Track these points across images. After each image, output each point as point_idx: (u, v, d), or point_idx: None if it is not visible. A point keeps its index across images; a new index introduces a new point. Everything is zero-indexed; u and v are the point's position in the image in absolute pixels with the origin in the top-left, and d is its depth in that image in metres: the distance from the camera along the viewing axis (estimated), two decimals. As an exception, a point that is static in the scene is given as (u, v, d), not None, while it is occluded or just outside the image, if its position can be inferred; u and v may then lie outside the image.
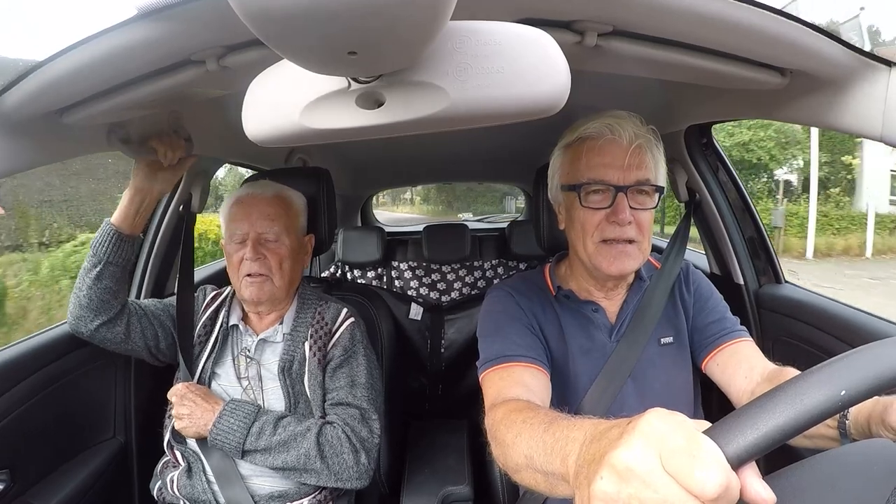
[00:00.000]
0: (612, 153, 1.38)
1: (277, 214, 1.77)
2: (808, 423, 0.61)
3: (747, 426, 0.61)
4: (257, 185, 1.84)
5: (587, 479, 0.69)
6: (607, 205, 1.38)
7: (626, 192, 1.37)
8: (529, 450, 0.98)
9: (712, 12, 0.95)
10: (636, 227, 1.39)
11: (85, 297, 1.64)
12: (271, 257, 1.74)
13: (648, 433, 0.64)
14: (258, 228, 1.74)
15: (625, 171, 1.37)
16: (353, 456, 1.65)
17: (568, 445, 0.84)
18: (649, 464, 0.62)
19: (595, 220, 1.40)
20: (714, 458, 0.59)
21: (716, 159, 2.12)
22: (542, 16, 0.99)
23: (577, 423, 0.88)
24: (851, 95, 1.13)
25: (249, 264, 1.72)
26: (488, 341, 1.48)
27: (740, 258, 2.16)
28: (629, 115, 1.41)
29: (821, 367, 0.65)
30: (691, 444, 0.61)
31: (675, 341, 1.55)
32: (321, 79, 0.77)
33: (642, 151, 1.38)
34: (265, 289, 1.74)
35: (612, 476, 0.64)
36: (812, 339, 1.80)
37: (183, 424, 1.65)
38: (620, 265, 1.40)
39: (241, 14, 0.54)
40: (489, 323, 1.53)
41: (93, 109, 1.24)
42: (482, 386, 1.44)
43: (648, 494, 0.61)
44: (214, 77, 1.12)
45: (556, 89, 0.75)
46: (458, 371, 3.15)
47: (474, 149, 3.31)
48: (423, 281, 3.65)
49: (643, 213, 1.40)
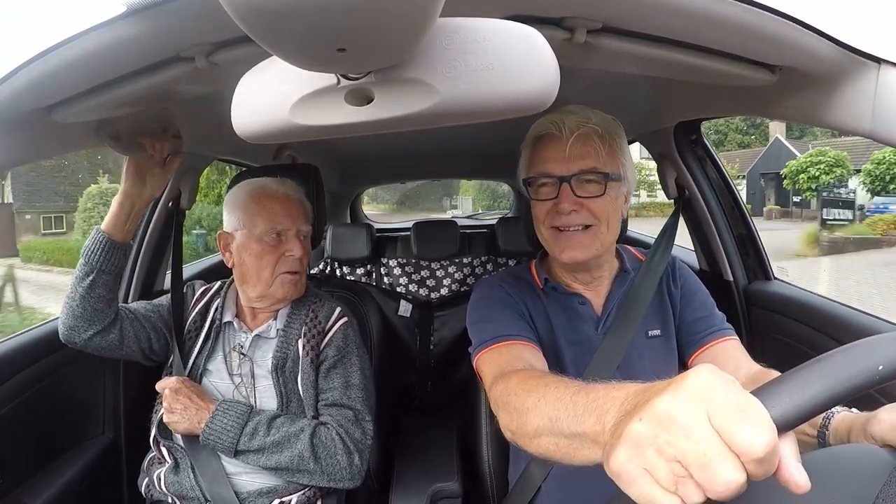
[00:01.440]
0: (553, 147, 1.44)
1: (303, 213, 1.81)
2: (847, 393, 0.61)
3: (795, 390, 0.61)
4: (285, 184, 1.84)
5: (624, 424, 0.67)
6: (553, 196, 1.44)
7: (570, 181, 1.42)
8: (556, 412, 0.95)
9: (701, 9, 0.95)
10: (588, 213, 1.43)
11: (79, 307, 1.61)
12: (304, 256, 1.78)
13: (697, 386, 0.62)
14: (299, 225, 1.77)
15: (566, 162, 1.42)
16: (347, 457, 1.65)
17: (607, 403, 0.81)
18: (694, 415, 0.59)
19: (544, 209, 1.47)
20: (764, 417, 0.57)
21: (705, 156, 2.13)
22: (532, 12, 0.99)
23: (620, 384, 0.85)
24: (841, 91, 1.13)
25: (293, 261, 1.74)
26: (480, 326, 1.49)
27: (730, 255, 2.17)
28: (580, 109, 1.47)
29: (861, 342, 0.65)
30: (741, 401, 0.59)
31: (663, 334, 1.56)
32: (310, 75, 0.76)
33: (584, 142, 1.42)
34: (299, 286, 1.78)
35: (651, 420, 0.63)
36: (801, 335, 1.81)
37: (174, 419, 1.63)
38: (571, 253, 1.45)
39: (230, 11, 0.54)
40: (480, 309, 1.55)
41: (82, 106, 1.23)
42: (478, 368, 1.44)
43: (687, 445, 0.58)
44: (204, 74, 1.12)
45: (546, 86, 0.76)
46: (448, 367, 3.15)
47: (463, 146, 3.31)
48: (412, 278, 3.65)
49: (594, 200, 1.43)
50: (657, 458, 0.60)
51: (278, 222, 1.73)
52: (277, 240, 1.73)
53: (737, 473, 0.56)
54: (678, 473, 0.59)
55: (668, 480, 0.59)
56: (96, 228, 1.64)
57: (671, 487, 0.59)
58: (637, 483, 0.62)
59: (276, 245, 1.73)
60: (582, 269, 1.54)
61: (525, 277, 1.63)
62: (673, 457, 0.59)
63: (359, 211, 5.10)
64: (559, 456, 0.97)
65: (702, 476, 0.57)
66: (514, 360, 1.33)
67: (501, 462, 1.72)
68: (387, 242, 3.83)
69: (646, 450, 0.61)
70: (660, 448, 0.60)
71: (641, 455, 0.62)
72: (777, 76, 1.22)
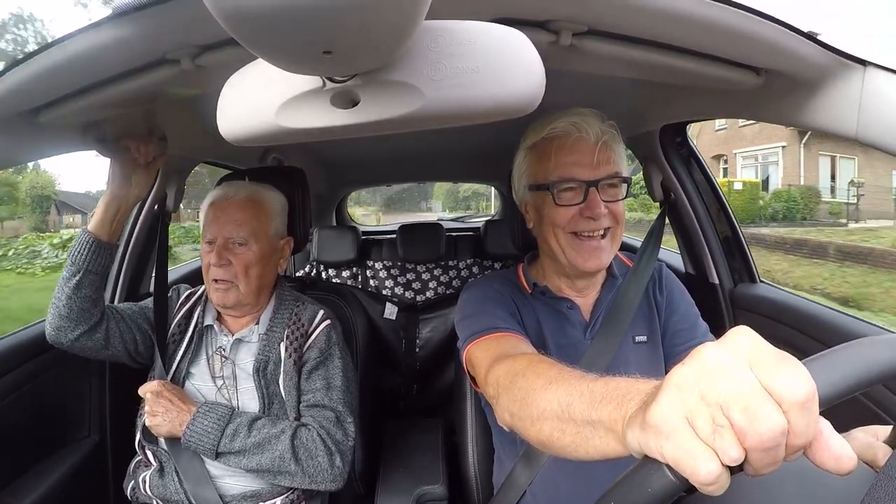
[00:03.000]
0: (580, 150, 1.41)
1: (246, 219, 1.75)
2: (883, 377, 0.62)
3: (839, 363, 0.62)
4: (232, 186, 1.82)
5: (657, 393, 0.65)
6: (580, 200, 1.41)
7: (598, 186, 1.41)
8: (570, 396, 0.91)
9: (687, 12, 0.96)
10: (611, 217, 1.43)
11: (65, 308, 1.61)
12: (237, 263, 1.72)
13: (740, 339, 0.61)
14: (225, 233, 1.72)
15: (594, 167, 1.40)
16: (328, 458, 1.65)
17: (630, 392, 0.78)
18: (738, 362, 0.59)
19: (567, 215, 1.43)
20: (804, 370, 0.57)
21: (691, 158, 2.14)
22: (517, 15, 0.99)
23: (644, 380, 0.82)
24: (826, 94, 1.14)
25: (214, 269, 1.71)
26: (472, 319, 1.47)
27: (715, 258, 2.17)
28: (591, 112, 1.45)
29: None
30: (782, 354, 0.59)
31: (649, 340, 1.56)
32: (296, 78, 0.76)
33: (608, 147, 1.42)
34: (230, 295, 1.73)
35: (697, 366, 0.61)
36: (787, 338, 1.82)
37: (156, 422, 1.63)
38: (596, 261, 1.44)
39: (215, 13, 0.54)
40: (472, 304, 1.53)
41: (68, 108, 1.23)
42: (469, 357, 1.42)
43: (729, 387, 0.57)
44: (189, 76, 1.12)
45: (531, 89, 0.76)
46: (433, 370, 3.16)
47: (449, 148, 3.31)
48: (398, 280, 3.66)
49: (615, 204, 1.44)
50: (699, 404, 0.59)
51: (208, 231, 1.74)
52: (209, 248, 1.73)
53: (778, 416, 0.55)
54: (719, 422, 0.58)
55: (708, 429, 0.58)
56: (83, 229, 1.64)
57: (709, 438, 0.58)
58: (676, 435, 0.60)
59: (208, 253, 1.73)
60: (586, 276, 1.54)
61: (513, 281, 1.63)
62: (715, 402, 0.58)
63: (345, 213, 5.10)
64: (562, 444, 0.93)
65: (743, 420, 0.56)
66: (512, 348, 1.32)
67: (487, 465, 1.72)
68: (372, 245, 3.83)
69: (689, 394, 0.60)
70: (703, 392, 0.59)
71: (684, 400, 0.61)
72: (762, 79, 1.23)
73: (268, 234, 1.80)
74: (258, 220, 1.77)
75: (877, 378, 0.62)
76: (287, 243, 1.91)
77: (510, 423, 1.11)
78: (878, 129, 1.05)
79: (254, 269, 1.74)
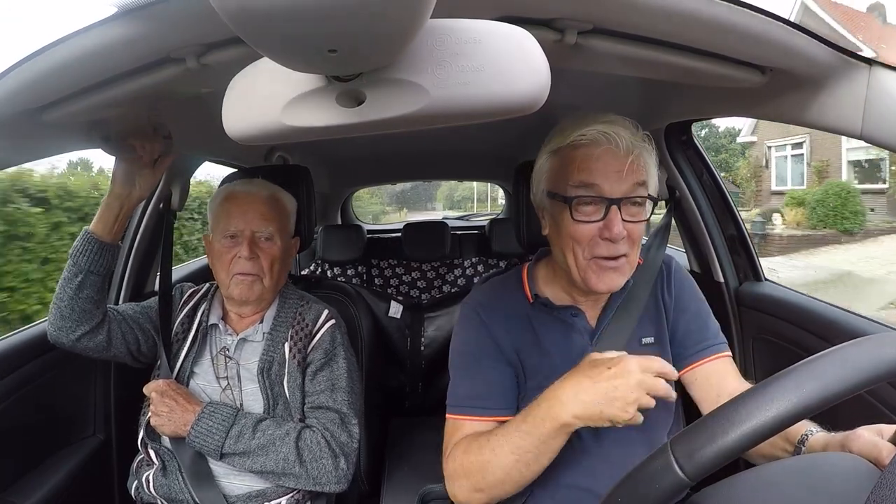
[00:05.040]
0: (607, 163, 1.29)
1: (272, 215, 1.77)
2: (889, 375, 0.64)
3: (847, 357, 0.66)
4: (252, 183, 1.83)
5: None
6: (599, 217, 1.30)
7: (620, 204, 1.29)
8: (514, 445, 1.11)
9: (692, 10, 0.96)
10: (628, 241, 1.32)
11: (67, 308, 1.60)
12: (264, 258, 1.74)
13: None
14: (254, 227, 1.73)
15: (620, 182, 1.29)
16: (333, 461, 1.65)
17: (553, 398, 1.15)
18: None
19: (587, 233, 1.32)
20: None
21: (696, 157, 2.13)
22: (522, 14, 0.99)
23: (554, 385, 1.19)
24: (831, 93, 1.14)
25: (243, 262, 1.71)
26: (458, 377, 1.48)
27: (720, 255, 2.17)
28: (622, 120, 1.33)
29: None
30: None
31: (656, 342, 1.50)
32: (301, 76, 0.76)
33: (639, 161, 1.31)
34: (255, 288, 1.74)
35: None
36: (792, 336, 1.81)
37: (161, 422, 1.63)
38: (610, 282, 1.34)
39: (220, 11, 0.54)
40: (459, 357, 1.51)
41: (73, 107, 1.23)
42: (446, 423, 1.46)
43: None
44: (194, 75, 1.12)
45: (536, 87, 0.75)
46: (438, 369, 3.13)
47: (454, 146, 3.30)
48: (403, 279, 3.66)
49: (636, 225, 1.33)
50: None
51: (231, 224, 1.73)
52: (232, 242, 1.73)
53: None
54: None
55: None
56: (84, 230, 1.63)
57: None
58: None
59: (231, 247, 1.73)
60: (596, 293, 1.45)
61: (515, 288, 1.56)
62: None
63: (350, 212, 5.10)
64: (531, 468, 1.21)
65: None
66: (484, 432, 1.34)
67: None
68: (377, 244, 3.82)
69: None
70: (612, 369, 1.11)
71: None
72: (767, 77, 1.22)
73: (288, 231, 1.84)
74: (281, 218, 1.81)
75: (884, 375, 0.62)
76: (295, 243, 1.94)
77: (484, 500, 1.29)
78: (884, 127, 1.05)
79: (277, 265, 1.77)
